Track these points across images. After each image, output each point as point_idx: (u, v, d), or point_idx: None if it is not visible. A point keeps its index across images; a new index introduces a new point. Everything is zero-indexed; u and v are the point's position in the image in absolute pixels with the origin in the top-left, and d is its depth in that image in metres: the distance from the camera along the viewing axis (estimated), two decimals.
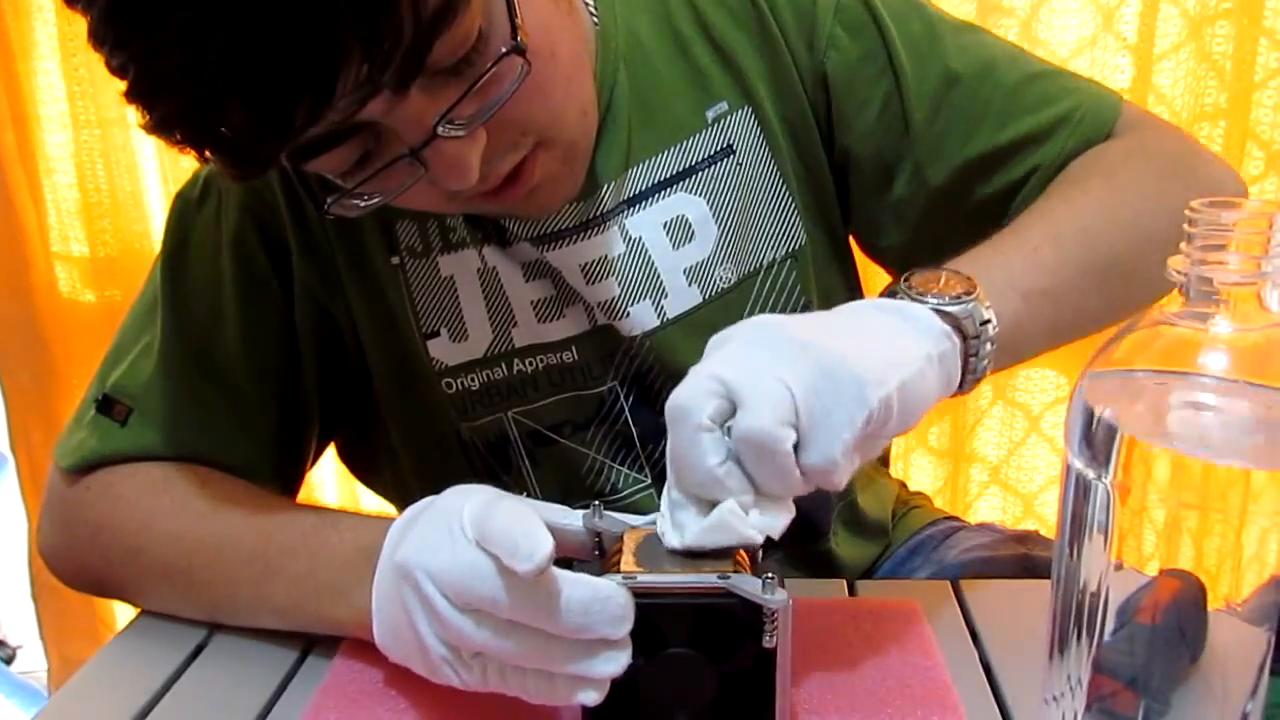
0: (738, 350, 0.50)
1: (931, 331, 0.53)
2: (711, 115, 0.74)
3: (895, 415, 0.49)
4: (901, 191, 0.75)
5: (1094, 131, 0.73)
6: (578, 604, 0.47)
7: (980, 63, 0.74)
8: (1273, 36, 1.26)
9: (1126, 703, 0.42)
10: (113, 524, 0.69)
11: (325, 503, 1.48)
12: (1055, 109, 0.73)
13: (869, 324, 0.53)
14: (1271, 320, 0.40)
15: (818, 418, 0.48)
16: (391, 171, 0.58)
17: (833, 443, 0.48)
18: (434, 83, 0.56)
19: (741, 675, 0.50)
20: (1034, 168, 0.72)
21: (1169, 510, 0.41)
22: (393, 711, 0.58)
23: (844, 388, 0.48)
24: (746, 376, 0.48)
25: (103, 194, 1.42)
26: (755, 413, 0.47)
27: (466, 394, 0.75)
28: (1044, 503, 1.46)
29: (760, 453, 0.48)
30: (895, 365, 0.50)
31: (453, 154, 0.58)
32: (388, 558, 0.55)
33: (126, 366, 0.73)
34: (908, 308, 0.54)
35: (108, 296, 1.46)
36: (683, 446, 0.49)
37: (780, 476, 0.48)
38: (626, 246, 0.73)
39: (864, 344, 0.50)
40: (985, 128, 0.73)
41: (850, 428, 0.48)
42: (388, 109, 0.55)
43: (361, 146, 0.58)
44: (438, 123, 0.56)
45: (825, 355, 0.49)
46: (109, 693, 0.62)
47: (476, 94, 0.56)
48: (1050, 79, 0.75)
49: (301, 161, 0.58)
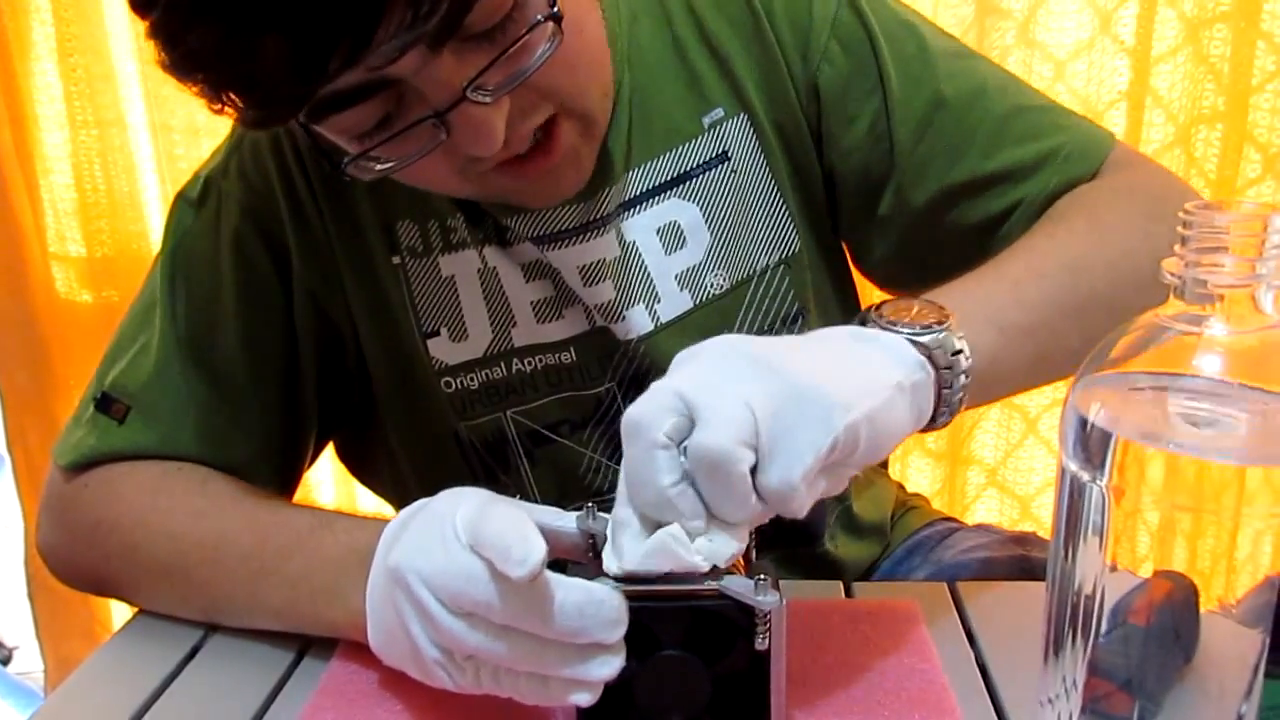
0: (702, 367, 0.49)
1: (904, 360, 0.51)
2: (708, 122, 0.74)
3: (863, 444, 0.47)
4: (885, 209, 0.75)
5: (1080, 169, 0.72)
6: (571, 608, 0.47)
7: (970, 89, 0.73)
8: (1270, 40, 1.26)
9: (1121, 704, 0.42)
10: (110, 522, 0.69)
11: (323, 503, 1.48)
12: (1042, 144, 0.72)
13: (840, 350, 0.52)
14: (1266, 323, 0.40)
15: (779, 439, 0.46)
16: (412, 135, 0.58)
17: (793, 466, 0.46)
18: (466, 46, 0.55)
19: (736, 677, 0.50)
20: (1017, 202, 0.72)
21: (1163, 512, 0.41)
22: (390, 712, 0.58)
23: (809, 410, 0.46)
24: (707, 393, 0.47)
25: (100, 194, 1.42)
26: (712, 430, 0.45)
27: (465, 393, 0.75)
28: (1041, 505, 1.46)
29: (714, 472, 0.46)
30: (865, 392, 0.48)
31: (478, 119, 0.57)
32: (381, 561, 0.55)
33: (125, 365, 0.73)
34: (879, 336, 0.52)
35: (105, 297, 1.46)
36: (636, 462, 0.47)
37: (734, 499, 0.46)
38: (622, 250, 0.73)
39: (833, 368, 0.49)
40: (970, 155, 0.72)
41: (813, 451, 0.46)
42: (419, 67, 0.55)
43: (383, 107, 0.58)
44: (467, 86, 0.56)
45: (792, 376, 0.47)
46: (105, 693, 0.62)
47: (507, 61, 0.56)
48: (1040, 113, 0.74)
49: (321, 117, 0.57)
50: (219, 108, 0.54)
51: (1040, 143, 0.72)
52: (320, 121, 0.58)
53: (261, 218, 0.73)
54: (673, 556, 0.47)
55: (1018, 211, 0.72)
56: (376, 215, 0.73)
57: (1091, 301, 0.63)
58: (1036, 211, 0.71)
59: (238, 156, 0.74)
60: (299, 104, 0.55)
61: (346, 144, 0.60)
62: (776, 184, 0.75)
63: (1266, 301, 0.40)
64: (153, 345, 0.72)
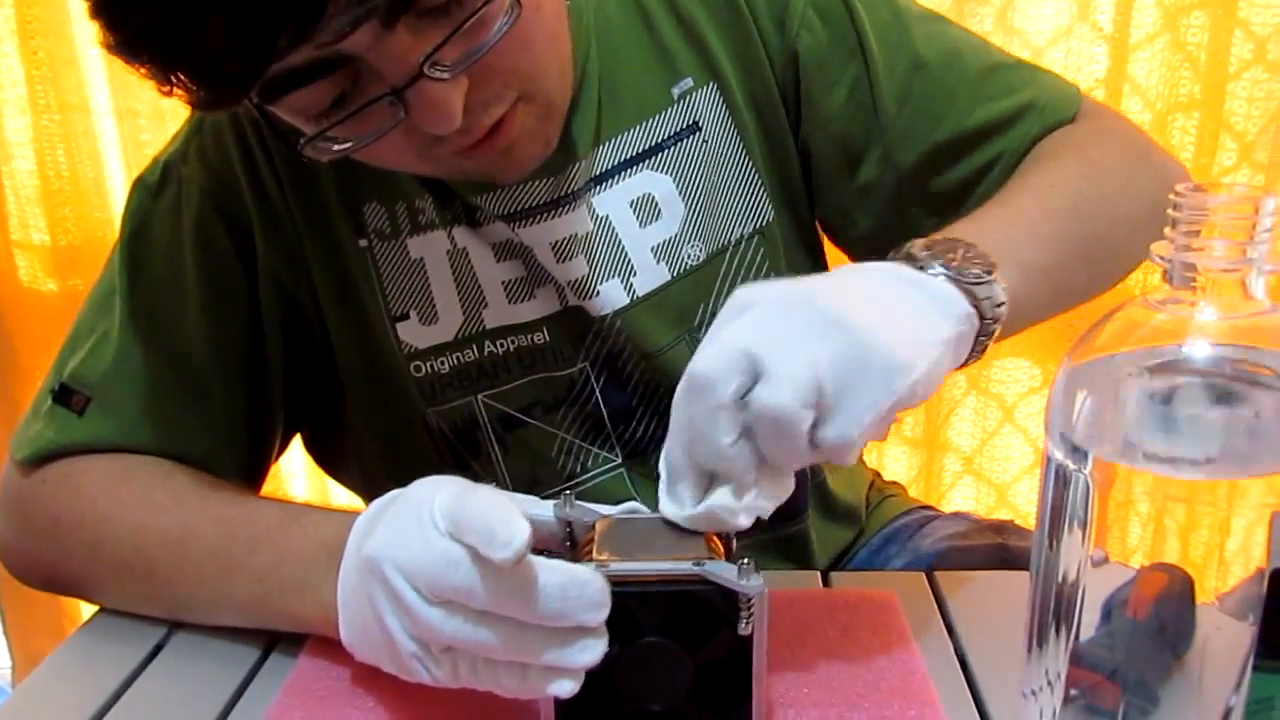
0: (765, 320, 0.50)
1: (956, 313, 0.52)
2: (677, 92, 0.74)
3: (916, 398, 0.49)
4: (868, 176, 0.75)
5: (1057, 118, 0.74)
6: (555, 590, 0.46)
7: (946, 51, 0.75)
8: (1247, 27, 1.26)
9: (1108, 697, 0.42)
10: (71, 518, 0.67)
11: (296, 496, 1.47)
12: (1019, 97, 0.74)
13: (896, 299, 0.52)
14: (1256, 308, 0.39)
15: (841, 398, 0.47)
16: (369, 114, 0.57)
17: (852, 425, 0.48)
18: (422, 22, 0.55)
19: (718, 664, 0.49)
20: (999, 154, 0.73)
21: (1154, 504, 0.40)
22: (361, 709, 0.56)
23: (872, 372, 0.47)
24: (774, 350, 0.48)
25: (64, 180, 1.40)
26: (777, 390, 0.47)
27: (435, 378, 0.74)
28: (1017, 493, 1.46)
29: (776, 430, 0.47)
30: (922, 350, 0.49)
31: (436, 96, 0.56)
32: (354, 552, 0.53)
33: (84, 355, 0.71)
34: (932, 283, 0.53)
35: (70, 285, 1.44)
36: (700, 420, 0.48)
37: (790, 453, 0.48)
38: (594, 225, 0.72)
39: (893, 324, 0.50)
40: (952, 113, 0.74)
41: (873, 412, 0.48)
42: (373, 43, 0.54)
43: (338, 86, 0.57)
44: (423, 62, 0.55)
45: (856, 335, 0.48)
46: (66, 693, 0.61)
47: (463, 36, 0.55)
48: (1013, 70, 0.77)
49: (274, 97, 0.56)
50: (168, 89, 0.53)
51: (1017, 96, 0.74)
52: (274, 101, 0.57)
53: (223, 202, 0.71)
54: (720, 523, 0.50)
55: (1000, 164, 0.73)
56: (342, 198, 0.72)
57: (1094, 238, 0.65)
58: (1016, 161, 0.73)
59: (198, 140, 0.72)
60: (248, 83, 0.54)
61: (303, 124, 0.59)
62: (748, 153, 0.75)
63: (1258, 287, 0.39)
64: (112, 334, 0.71)
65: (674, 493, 0.51)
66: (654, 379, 0.75)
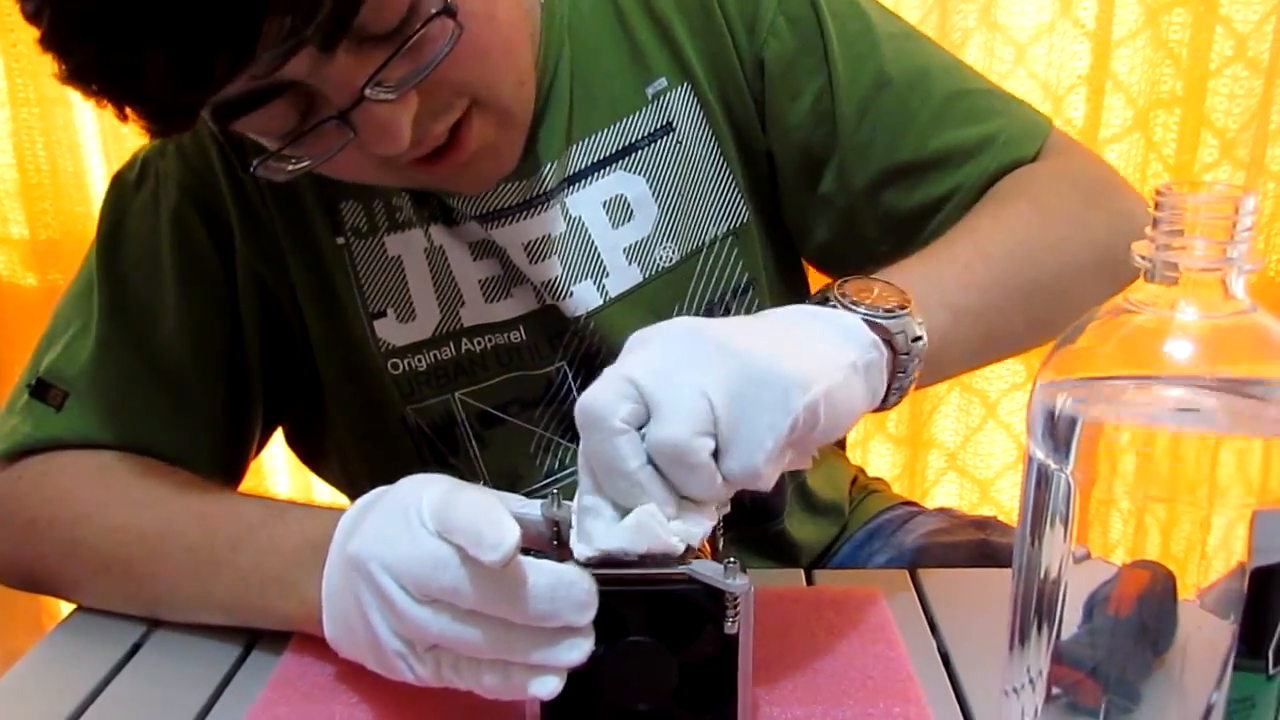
0: (654, 353, 0.48)
1: (859, 340, 0.51)
2: (651, 92, 0.73)
3: (822, 421, 0.47)
4: (826, 189, 0.74)
5: (1018, 154, 0.72)
6: (543, 590, 0.46)
7: (914, 70, 0.73)
8: (1229, 24, 1.27)
9: (1089, 694, 0.42)
10: (47, 515, 0.66)
11: (278, 493, 1.46)
12: (981, 128, 0.73)
13: (795, 329, 0.52)
14: (1236, 307, 0.39)
15: (739, 425, 0.46)
16: (320, 134, 0.57)
17: (755, 452, 0.46)
18: (364, 46, 0.54)
19: (703, 663, 0.49)
20: (955, 187, 0.72)
21: (1135, 501, 0.40)
22: (346, 706, 0.56)
23: (766, 393, 0.46)
24: (660, 382, 0.46)
25: (43, 174, 1.39)
26: (669, 422, 0.45)
27: (413, 375, 0.74)
28: (1000, 489, 1.47)
29: (677, 463, 0.46)
30: (821, 370, 0.48)
31: (382, 118, 0.56)
32: (339, 549, 0.53)
33: (61, 350, 0.71)
34: (835, 315, 0.52)
35: (50, 280, 1.43)
36: (599, 451, 0.46)
37: (700, 484, 0.46)
38: (567, 226, 0.72)
39: (788, 347, 0.49)
40: (911, 136, 0.72)
41: (773, 434, 0.46)
42: (313, 69, 0.54)
43: (291, 107, 0.57)
44: (365, 85, 0.55)
45: (747, 359, 0.47)
46: (43, 691, 0.60)
47: (406, 56, 0.55)
48: (981, 97, 0.75)
49: (228, 120, 0.57)
50: (122, 117, 0.54)
51: (981, 126, 0.73)
52: (231, 124, 0.57)
53: (202, 198, 0.71)
54: (651, 535, 0.46)
55: (956, 197, 0.72)
56: (320, 195, 0.71)
57: (1036, 285, 0.64)
58: (974, 196, 0.71)
59: (177, 136, 0.72)
60: (192, 113, 0.54)
61: (267, 143, 0.59)
62: (722, 154, 0.74)
63: (1238, 286, 0.39)
64: (91, 329, 0.70)
65: (583, 531, 0.48)
66: None
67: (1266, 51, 1.26)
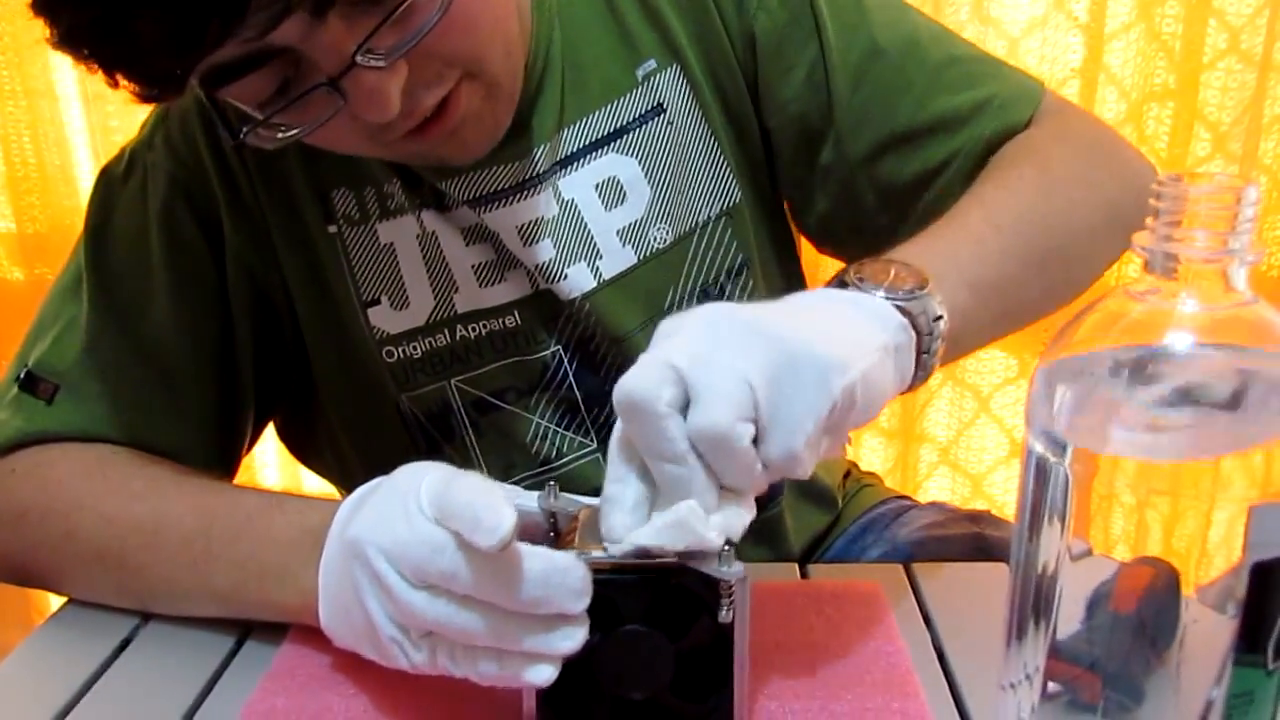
0: (691, 338, 0.48)
1: (889, 323, 0.51)
2: (641, 74, 0.73)
3: (859, 404, 0.47)
4: (825, 160, 0.75)
5: (1014, 118, 0.72)
6: (538, 576, 0.46)
7: (905, 38, 0.74)
8: (1221, 17, 1.26)
9: (1090, 691, 0.41)
10: (40, 507, 0.66)
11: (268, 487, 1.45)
12: (976, 93, 0.73)
13: (824, 313, 0.51)
14: (1237, 299, 0.39)
15: (779, 408, 0.46)
16: (309, 102, 0.57)
17: (795, 435, 0.46)
18: (355, 11, 0.54)
19: (699, 652, 0.49)
20: (953, 153, 0.72)
21: (1137, 496, 0.40)
22: (342, 697, 0.56)
23: (805, 375, 0.46)
24: (700, 367, 0.46)
25: (30, 168, 1.38)
26: (710, 408, 0.45)
27: (408, 363, 0.74)
28: (993, 483, 1.47)
29: (718, 450, 0.46)
30: (856, 353, 0.48)
31: (371, 85, 0.56)
32: (337, 536, 0.53)
33: (50, 343, 0.70)
34: (861, 299, 0.52)
35: (37, 274, 1.42)
36: (645, 435, 0.46)
37: (741, 471, 0.46)
38: (560, 208, 0.72)
39: (822, 331, 0.48)
40: (906, 103, 0.73)
41: (813, 417, 0.46)
42: (305, 34, 0.54)
43: (280, 75, 0.57)
44: (356, 51, 0.55)
45: (784, 342, 0.47)
46: (34, 685, 0.60)
47: (396, 23, 0.55)
48: (973, 63, 0.75)
49: (217, 87, 0.56)
50: (114, 83, 0.54)
51: (975, 91, 0.73)
52: (219, 90, 0.57)
53: (190, 190, 0.71)
54: (691, 531, 0.46)
55: (954, 164, 0.72)
56: (310, 184, 0.71)
57: (1049, 252, 0.64)
58: (973, 163, 0.71)
59: (164, 128, 0.72)
60: (183, 78, 0.54)
61: (253, 111, 0.59)
62: (713, 134, 0.74)
63: (1239, 277, 0.39)
64: (80, 322, 0.70)
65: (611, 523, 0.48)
66: (625, 363, 0.74)
67: (1260, 45, 1.26)
